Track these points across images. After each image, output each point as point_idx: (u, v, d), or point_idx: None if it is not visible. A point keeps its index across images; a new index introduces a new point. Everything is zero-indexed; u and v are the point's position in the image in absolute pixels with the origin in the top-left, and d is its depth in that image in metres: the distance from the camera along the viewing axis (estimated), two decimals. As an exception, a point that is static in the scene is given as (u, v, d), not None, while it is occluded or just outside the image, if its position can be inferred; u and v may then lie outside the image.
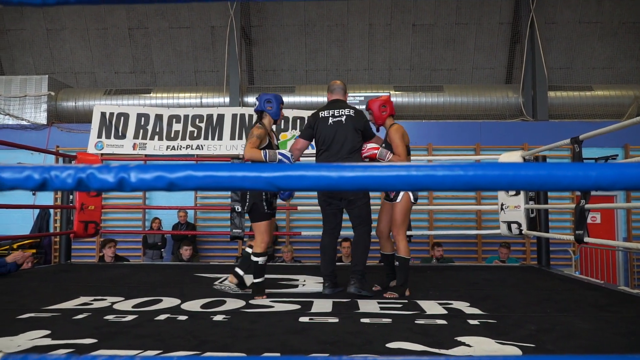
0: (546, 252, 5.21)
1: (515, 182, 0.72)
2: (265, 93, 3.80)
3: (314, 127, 3.71)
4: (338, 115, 3.66)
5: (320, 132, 3.67)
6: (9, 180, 0.69)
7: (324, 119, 3.69)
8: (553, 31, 10.03)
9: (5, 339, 2.27)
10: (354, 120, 3.66)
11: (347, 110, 3.69)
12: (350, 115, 3.66)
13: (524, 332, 2.44)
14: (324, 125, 3.66)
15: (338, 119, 3.65)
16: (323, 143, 3.66)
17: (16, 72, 10.98)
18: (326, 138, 3.64)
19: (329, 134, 3.62)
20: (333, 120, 3.64)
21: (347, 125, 3.63)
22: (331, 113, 3.68)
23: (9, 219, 8.59)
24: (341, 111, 3.68)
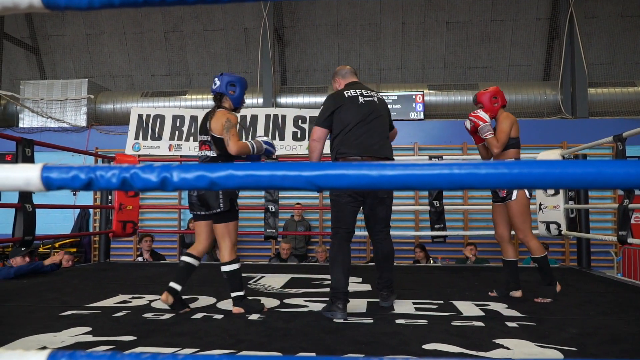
0: (587, 253, 5.06)
1: (562, 180, 0.70)
2: (228, 74, 3.16)
3: (337, 111, 3.06)
4: (368, 95, 3.12)
5: (349, 112, 3.03)
6: (56, 180, 0.70)
7: (351, 98, 3.09)
8: (593, 26, 9.72)
9: (49, 335, 2.35)
10: (385, 106, 3.22)
11: (375, 92, 3.21)
12: (381, 99, 3.20)
13: (565, 335, 2.37)
14: (353, 104, 3.05)
15: (370, 98, 3.11)
16: (357, 121, 3.01)
17: (57, 76, 11.35)
18: (360, 116, 3.02)
19: (363, 112, 3.03)
20: (364, 100, 3.09)
21: (380, 108, 3.13)
22: (359, 92, 3.12)
23: (51, 219, 8.87)
24: (370, 92, 3.16)
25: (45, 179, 0.72)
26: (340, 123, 3.03)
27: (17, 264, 4.31)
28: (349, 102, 3.06)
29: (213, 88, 3.14)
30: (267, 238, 5.90)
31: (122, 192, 5.44)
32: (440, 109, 9.40)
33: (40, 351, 0.67)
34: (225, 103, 3.11)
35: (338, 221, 3.03)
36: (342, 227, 3.00)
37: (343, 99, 3.09)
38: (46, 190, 0.72)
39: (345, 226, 3.00)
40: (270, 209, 5.75)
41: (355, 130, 2.99)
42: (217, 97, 3.12)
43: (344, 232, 3.00)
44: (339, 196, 3.02)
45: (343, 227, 3.00)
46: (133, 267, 5.32)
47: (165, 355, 0.66)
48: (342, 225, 3.01)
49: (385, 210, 3.14)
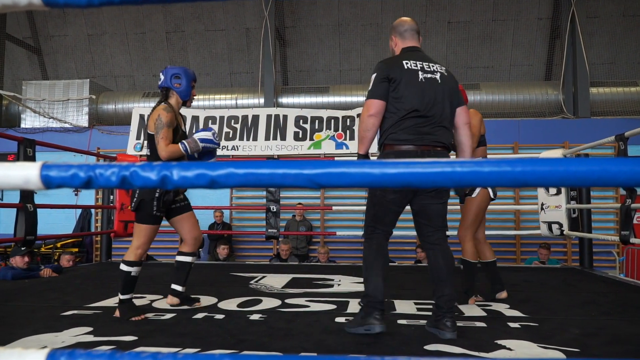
0: (589, 253, 5.04)
1: (567, 177, 0.69)
2: (172, 66, 3.00)
3: (393, 84, 2.49)
4: (429, 70, 2.56)
5: (407, 90, 2.48)
6: (55, 178, 0.70)
7: (410, 72, 2.51)
8: (595, 25, 9.71)
9: (50, 334, 2.35)
10: (450, 83, 2.61)
11: (440, 66, 2.63)
12: (445, 75, 2.60)
13: (568, 336, 2.36)
14: (411, 80, 2.50)
15: (431, 75, 2.55)
16: (415, 103, 2.47)
17: (59, 76, 11.36)
18: (418, 97, 2.48)
19: (422, 94, 2.48)
20: (425, 77, 2.52)
21: (444, 88, 2.55)
22: (419, 66, 2.55)
23: (53, 219, 8.88)
24: (432, 66, 2.59)
25: (45, 177, 0.71)
26: (395, 102, 2.49)
27: (17, 263, 4.31)
28: (408, 76, 2.49)
29: (158, 84, 2.99)
30: (268, 238, 5.89)
31: (124, 192, 5.43)
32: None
33: (40, 350, 0.66)
34: (172, 98, 2.96)
35: (376, 221, 2.58)
36: (381, 227, 2.58)
37: (401, 70, 2.50)
38: (45, 188, 0.72)
39: (384, 227, 2.59)
40: (271, 209, 5.75)
41: (414, 111, 2.46)
42: (162, 93, 2.98)
43: (381, 232, 2.59)
44: (385, 191, 2.53)
45: (381, 228, 2.58)
46: (134, 267, 5.31)
47: (165, 355, 0.65)
48: (380, 226, 2.58)
49: (443, 205, 2.60)
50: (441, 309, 2.39)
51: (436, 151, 2.52)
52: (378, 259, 2.53)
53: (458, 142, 2.68)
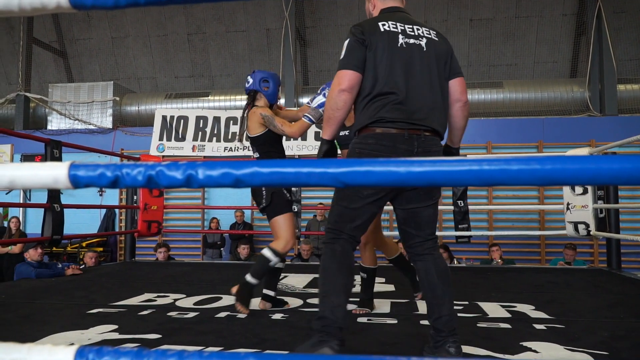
0: (617, 254, 4.93)
1: (599, 176, 0.67)
2: (260, 70, 3.07)
3: (371, 47, 1.98)
4: (412, 34, 2.03)
5: (383, 58, 1.97)
6: (83, 177, 0.71)
7: (388, 35, 1.99)
8: (622, 21, 9.49)
9: (77, 332, 2.39)
10: (440, 48, 2.08)
11: (426, 29, 2.08)
12: (434, 40, 2.07)
13: (596, 338, 2.30)
14: (390, 45, 1.98)
15: (414, 41, 2.02)
16: (388, 79, 1.96)
17: (84, 79, 11.58)
18: (400, 69, 1.97)
19: (404, 60, 1.98)
20: (406, 41, 2.00)
21: (430, 56, 2.03)
22: (400, 28, 2.02)
23: (78, 219, 9.06)
24: (418, 29, 2.05)
25: (73, 176, 0.72)
26: (372, 72, 1.98)
27: (31, 256, 4.41)
28: (385, 41, 1.98)
29: (246, 86, 3.05)
30: (289, 238, 5.89)
31: (147, 192, 5.51)
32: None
33: (69, 347, 0.67)
34: (259, 101, 3.03)
35: (344, 221, 2.01)
36: (348, 231, 2.01)
37: (377, 33, 1.99)
38: (73, 187, 0.73)
39: (352, 232, 2.01)
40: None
41: (393, 87, 1.96)
42: (250, 95, 3.04)
43: (347, 238, 2.01)
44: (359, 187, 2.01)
45: (348, 232, 2.01)
46: (157, 266, 5.39)
47: (190, 353, 0.65)
48: (347, 229, 2.00)
49: (433, 208, 2.11)
50: (441, 333, 1.93)
51: (425, 137, 2.00)
52: (342, 271, 1.96)
53: (448, 123, 2.18)
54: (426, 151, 2.04)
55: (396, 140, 1.96)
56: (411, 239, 2.07)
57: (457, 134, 2.27)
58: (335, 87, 1.99)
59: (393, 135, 1.96)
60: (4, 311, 2.90)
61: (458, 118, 2.18)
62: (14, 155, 9.88)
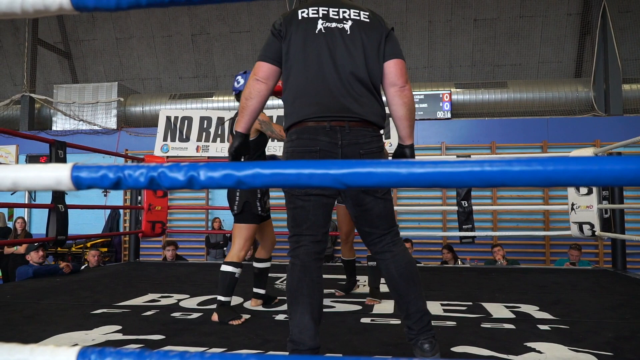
0: (622, 254, 4.91)
1: (601, 177, 0.67)
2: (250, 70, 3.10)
3: (285, 42, 1.92)
4: (336, 17, 1.92)
5: (298, 46, 1.90)
6: (86, 179, 0.71)
7: (305, 22, 1.91)
8: (627, 20, 9.45)
9: (81, 332, 2.40)
10: (371, 29, 1.92)
11: (355, 11, 1.94)
12: (362, 22, 1.92)
13: (600, 339, 2.29)
14: (306, 32, 1.91)
15: (336, 24, 1.90)
16: (304, 70, 1.90)
17: (89, 80, 11.63)
18: (308, 61, 1.89)
19: (314, 54, 1.89)
20: (325, 26, 1.90)
21: (355, 39, 1.89)
22: (322, 12, 1.92)
23: (83, 219, 9.09)
24: (343, 11, 1.93)
25: (75, 178, 0.73)
26: (287, 64, 1.93)
27: (32, 259, 4.44)
28: (301, 28, 1.90)
29: (236, 87, 2.97)
30: (293, 238, 5.90)
31: (151, 193, 5.52)
32: (467, 108, 9.27)
33: (71, 348, 0.68)
34: None
35: (296, 226, 1.91)
36: (307, 234, 1.88)
37: (293, 23, 1.92)
38: (76, 189, 0.73)
39: (310, 233, 1.89)
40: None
41: (309, 76, 1.89)
42: (238, 96, 2.98)
43: (308, 242, 1.88)
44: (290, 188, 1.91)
45: (307, 235, 1.88)
46: (161, 266, 5.40)
47: (192, 354, 0.65)
48: (306, 232, 1.88)
49: (383, 202, 1.92)
50: (412, 331, 1.85)
51: (353, 128, 1.87)
52: (302, 286, 1.80)
53: (390, 113, 2.00)
54: (353, 143, 1.87)
55: (317, 132, 1.87)
56: (368, 237, 1.97)
57: (401, 125, 1.99)
58: (251, 77, 1.95)
59: (313, 128, 1.87)
60: (9, 311, 2.92)
61: (396, 105, 1.95)
62: (19, 155, 9.93)
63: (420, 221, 8.57)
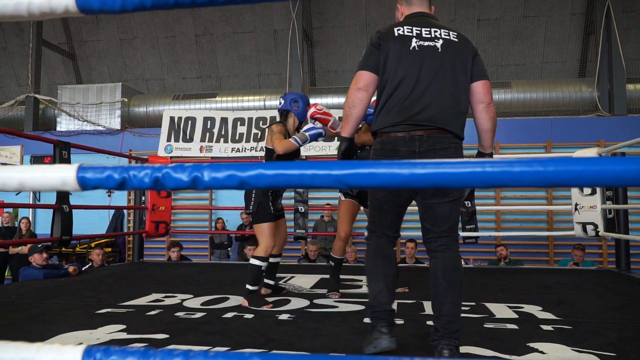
0: (626, 255, 4.89)
1: (602, 177, 0.67)
2: (291, 92, 3.71)
3: (384, 51, 2.10)
4: (429, 36, 2.08)
5: (393, 61, 2.07)
6: (91, 180, 0.72)
7: (401, 39, 2.08)
8: (631, 20, 9.42)
9: (85, 332, 2.41)
10: (459, 49, 2.11)
11: (445, 31, 2.12)
12: (452, 41, 2.10)
13: (604, 339, 2.29)
14: (401, 49, 2.07)
15: (429, 43, 2.07)
16: (397, 82, 2.06)
17: (93, 80, 11.67)
18: (409, 72, 2.05)
19: (413, 66, 2.05)
20: (419, 44, 2.07)
21: (445, 57, 2.07)
22: (416, 32, 2.09)
23: (87, 219, 9.11)
24: (435, 31, 2.10)
25: (81, 179, 0.73)
26: (383, 75, 2.10)
27: (36, 261, 4.44)
28: (397, 45, 2.08)
29: (279, 107, 3.51)
30: (296, 238, 5.91)
31: (155, 193, 5.54)
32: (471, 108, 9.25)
33: (76, 347, 0.68)
34: (290, 118, 3.47)
35: (374, 223, 2.24)
36: (379, 229, 2.23)
37: (390, 38, 2.09)
38: (82, 190, 0.74)
39: (382, 229, 2.22)
40: (299, 210, 5.77)
41: (402, 88, 2.05)
42: (283, 114, 3.48)
43: (381, 234, 2.22)
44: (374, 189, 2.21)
45: (380, 230, 2.22)
46: (165, 266, 5.42)
47: (196, 353, 0.66)
48: (378, 228, 2.23)
49: (450, 205, 2.10)
50: (437, 332, 1.96)
51: (432, 136, 2.02)
52: (377, 261, 2.15)
53: (476, 126, 2.25)
54: (430, 150, 2.07)
55: (397, 143, 2.07)
56: (427, 234, 2.13)
57: (485, 137, 2.27)
58: (353, 86, 2.12)
59: (394, 139, 2.08)
60: (14, 311, 2.93)
61: (482, 119, 2.21)
62: (24, 156, 9.97)
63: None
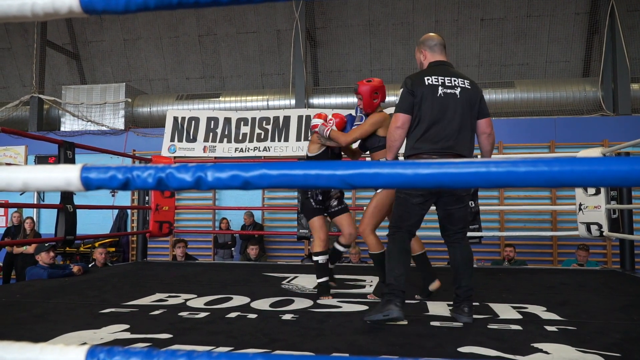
0: (630, 255, 4.87)
1: (608, 177, 0.67)
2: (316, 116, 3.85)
3: (417, 96, 2.75)
4: (450, 85, 2.76)
5: (426, 103, 2.73)
6: (95, 180, 0.72)
7: (430, 87, 2.74)
8: (636, 19, 9.38)
9: (89, 331, 2.42)
10: (470, 94, 2.80)
11: (462, 80, 2.81)
12: (466, 89, 2.79)
13: (608, 340, 2.28)
14: (432, 95, 2.73)
15: (451, 90, 2.75)
16: (429, 120, 2.73)
17: (97, 81, 11.70)
18: (435, 111, 2.72)
19: (440, 108, 2.72)
20: (444, 92, 2.74)
21: (463, 101, 2.77)
22: (441, 81, 2.76)
23: (91, 219, 9.13)
24: (454, 80, 2.79)
25: (85, 179, 0.73)
26: (417, 115, 2.75)
27: (43, 259, 4.44)
28: (428, 91, 2.73)
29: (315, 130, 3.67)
30: (300, 238, 5.92)
31: (158, 193, 5.55)
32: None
33: (80, 347, 0.69)
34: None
35: (402, 220, 2.79)
36: (405, 227, 2.78)
37: (423, 86, 2.74)
38: (85, 190, 0.74)
39: (408, 227, 2.79)
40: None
41: (431, 125, 2.72)
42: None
43: (405, 232, 2.79)
44: (409, 195, 2.76)
45: (406, 228, 2.78)
46: (169, 266, 5.42)
47: (200, 353, 0.66)
48: (404, 225, 2.78)
49: (464, 209, 2.83)
50: (459, 298, 2.74)
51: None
52: (402, 253, 2.76)
53: (480, 149, 3.01)
54: None
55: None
56: (446, 231, 2.89)
57: (486, 157, 2.99)
58: (393, 125, 2.80)
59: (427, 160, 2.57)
60: (18, 310, 2.94)
61: (484, 144, 2.95)
62: (28, 156, 9.99)
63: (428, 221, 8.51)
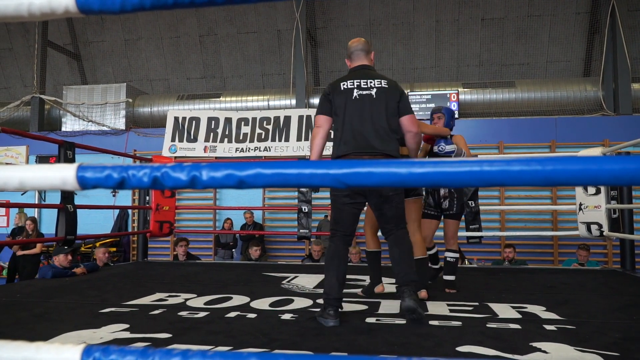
0: (631, 254, 4.87)
1: (600, 176, 0.67)
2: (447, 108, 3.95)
3: (333, 103, 2.89)
4: (366, 86, 2.83)
5: (342, 108, 2.83)
6: (91, 179, 0.72)
7: (345, 92, 2.84)
8: (636, 18, 9.37)
9: (89, 331, 2.42)
10: (389, 94, 2.85)
11: (378, 81, 2.86)
12: (383, 88, 2.84)
13: (607, 339, 2.28)
14: (346, 99, 2.83)
15: (367, 92, 2.82)
16: (348, 122, 2.82)
17: (97, 81, 11.71)
18: (352, 113, 2.81)
19: (356, 108, 2.81)
20: (360, 94, 2.82)
21: (379, 101, 2.82)
22: (356, 84, 2.84)
23: (92, 219, 9.16)
24: (370, 82, 2.85)
25: (81, 178, 0.74)
26: (336, 119, 2.88)
27: (60, 261, 4.45)
28: (344, 96, 2.84)
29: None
30: (300, 238, 5.92)
31: (159, 193, 5.56)
32: (475, 108, 9.23)
33: (76, 346, 0.69)
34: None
35: (336, 223, 2.85)
36: (340, 229, 2.83)
37: (338, 91, 2.87)
38: (81, 189, 0.74)
39: (342, 229, 2.83)
40: (303, 210, 5.77)
41: (349, 127, 2.80)
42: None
43: (341, 235, 2.83)
44: (337, 195, 2.84)
45: (340, 230, 2.83)
46: (169, 266, 5.43)
47: (195, 352, 0.67)
48: (339, 228, 2.83)
49: (394, 209, 2.85)
50: (400, 286, 2.79)
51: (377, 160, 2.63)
52: (334, 260, 2.79)
53: (407, 146, 3.06)
54: None
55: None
56: (383, 229, 2.96)
57: (412, 155, 3.12)
58: (315, 125, 2.95)
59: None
60: (18, 310, 2.95)
61: (409, 143, 3.03)
62: (30, 156, 10.01)
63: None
